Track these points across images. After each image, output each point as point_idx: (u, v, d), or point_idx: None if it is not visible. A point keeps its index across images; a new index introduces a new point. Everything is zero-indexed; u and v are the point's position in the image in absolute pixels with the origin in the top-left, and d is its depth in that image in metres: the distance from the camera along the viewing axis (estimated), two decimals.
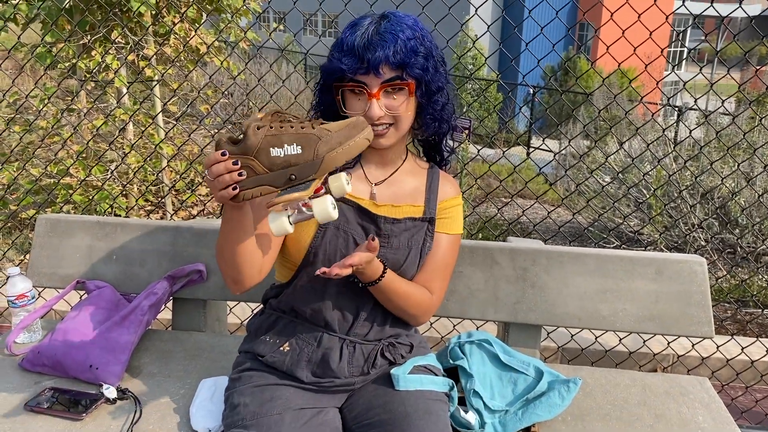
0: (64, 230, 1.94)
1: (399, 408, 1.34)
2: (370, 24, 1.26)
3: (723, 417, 1.63)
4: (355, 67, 1.24)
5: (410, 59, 1.25)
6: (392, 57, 1.23)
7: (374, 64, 1.23)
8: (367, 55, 1.23)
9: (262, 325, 1.47)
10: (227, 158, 1.07)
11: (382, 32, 1.24)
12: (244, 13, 4.05)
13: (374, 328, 1.43)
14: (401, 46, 1.24)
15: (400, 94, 1.29)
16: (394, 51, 1.23)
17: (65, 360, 1.63)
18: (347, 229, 1.36)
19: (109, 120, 3.51)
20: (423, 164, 1.51)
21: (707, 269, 1.83)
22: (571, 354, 2.76)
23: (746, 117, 5.82)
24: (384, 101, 1.28)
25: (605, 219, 4.98)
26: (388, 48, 1.23)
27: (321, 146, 1.09)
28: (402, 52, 1.24)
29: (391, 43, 1.23)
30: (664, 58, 2.29)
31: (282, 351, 1.41)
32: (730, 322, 3.35)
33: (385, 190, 1.43)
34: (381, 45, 1.23)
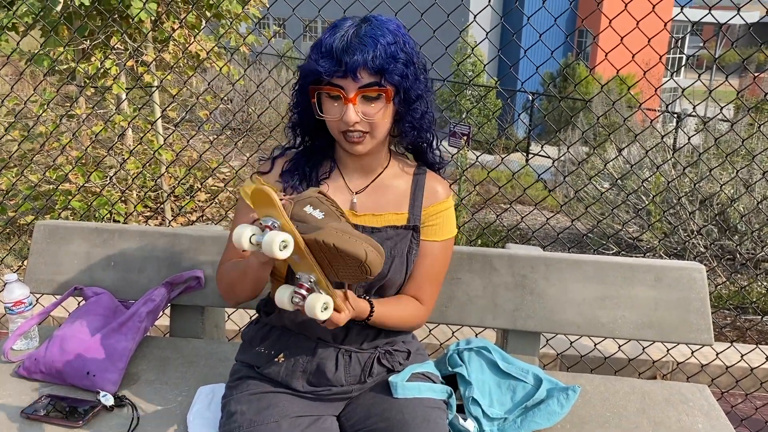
0: (63, 236, 1.94)
1: (397, 416, 1.33)
2: (350, 27, 1.23)
3: (722, 425, 1.62)
4: (333, 69, 1.21)
5: (389, 65, 1.22)
6: (371, 62, 1.20)
7: (352, 68, 1.20)
8: (345, 58, 1.20)
9: (257, 336, 1.46)
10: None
11: (362, 36, 1.21)
12: (243, 18, 4.06)
13: (369, 337, 1.43)
14: (381, 51, 1.21)
15: (378, 101, 1.26)
16: (374, 56, 1.20)
17: (62, 367, 1.62)
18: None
19: (108, 126, 3.51)
20: (410, 167, 1.47)
21: (706, 276, 1.83)
22: (570, 361, 2.75)
23: (745, 124, 5.82)
24: (361, 107, 1.25)
25: (604, 225, 4.98)
26: (367, 52, 1.20)
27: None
28: (381, 57, 1.21)
29: (370, 47, 1.20)
30: (663, 65, 2.29)
31: (277, 362, 1.40)
32: (729, 329, 3.34)
33: (366, 198, 1.41)
34: (360, 49, 1.20)
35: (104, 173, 4.16)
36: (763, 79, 8.92)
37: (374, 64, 1.21)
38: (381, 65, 1.21)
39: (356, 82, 1.22)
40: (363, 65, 1.20)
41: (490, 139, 8.38)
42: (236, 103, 9.01)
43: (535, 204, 2.49)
